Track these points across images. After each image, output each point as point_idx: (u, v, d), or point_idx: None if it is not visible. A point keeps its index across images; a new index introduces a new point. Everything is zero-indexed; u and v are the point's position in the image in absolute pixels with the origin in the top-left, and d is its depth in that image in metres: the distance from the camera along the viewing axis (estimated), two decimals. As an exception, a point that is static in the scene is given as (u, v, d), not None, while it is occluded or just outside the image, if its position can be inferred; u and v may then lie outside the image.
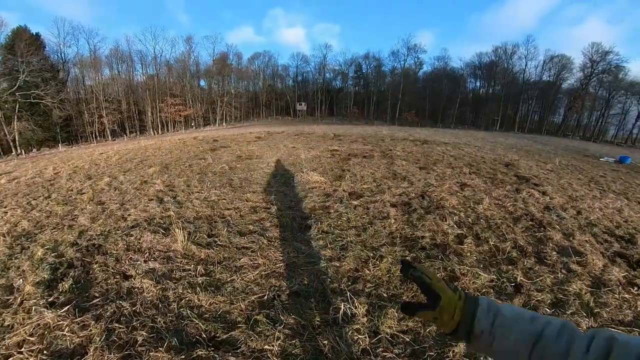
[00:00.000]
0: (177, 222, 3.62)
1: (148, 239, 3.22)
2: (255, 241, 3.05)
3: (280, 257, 2.74)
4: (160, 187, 5.39)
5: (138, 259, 2.86)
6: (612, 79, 49.82)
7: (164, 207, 4.27)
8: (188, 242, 3.06)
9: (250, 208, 4.07)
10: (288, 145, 10.80)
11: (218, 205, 4.24)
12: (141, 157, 9.81)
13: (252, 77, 70.02)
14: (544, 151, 16.44)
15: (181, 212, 4.07)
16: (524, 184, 6.53)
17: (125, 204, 4.56)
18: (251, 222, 3.59)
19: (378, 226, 3.42)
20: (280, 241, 3.07)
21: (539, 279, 2.70)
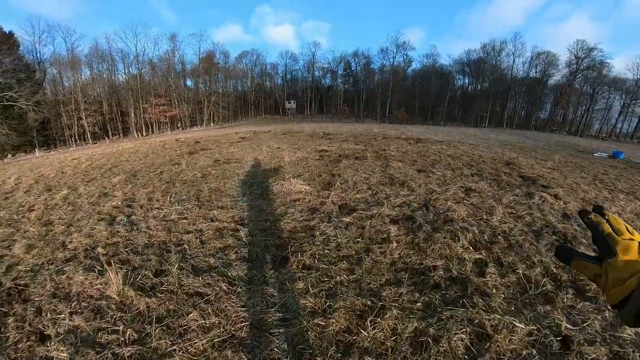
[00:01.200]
0: (122, 252, 2.85)
1: (79, 279, 2.53)
2: (213, 284, 2.28)
3: (242, 312, 1.98)
4: (118, 202, 4.62)
5: (63, 310, 2.20)
6: (596, 75, 51.08)
7: (112, 231, 3.53)
8: (125, 286, 2.33)
9: (215, 231, 3.28)
10: (272, 145, 9.98)
11: (177, 226, 3.44)
12: (113, 163, 8.94)
13: (240, 76, 68.40)
14: (538, 147, 16.09)
15: (131, 237, 3.32)
16: (532, 186, 5.95)
17: (73, 225, 3.88)
18: (213, 251, 2.82)
19: (376, 253, 2.66)
20: (246, 284, 2.30)
21: (585, 324, 2.10)
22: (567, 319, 2.13)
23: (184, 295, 2.19)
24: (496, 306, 2.13)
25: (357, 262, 2.56)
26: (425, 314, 1.99)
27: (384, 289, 2.20)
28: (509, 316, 2.04)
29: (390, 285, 2.25)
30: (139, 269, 2.59)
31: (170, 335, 1.83)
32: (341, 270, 2.42)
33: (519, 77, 57.82)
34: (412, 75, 66.34)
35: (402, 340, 1.75)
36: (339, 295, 2.09)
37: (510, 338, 1.87)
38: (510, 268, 2.68)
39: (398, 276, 2.38)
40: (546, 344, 1.89)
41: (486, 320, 1.97)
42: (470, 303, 2.12)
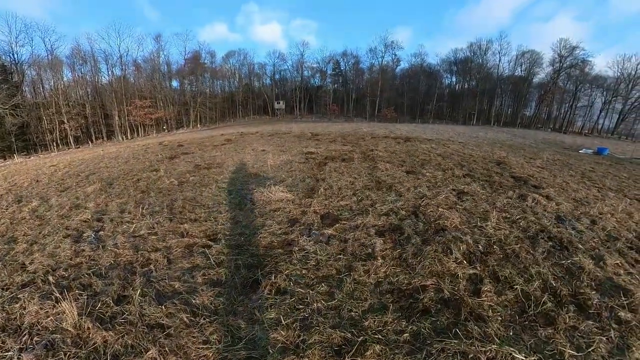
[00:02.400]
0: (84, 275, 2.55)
1: (34, 308, 2.23)
2: (175, 314, 2.00)
3: (203, 349, 1.69)
4: (88, 215, 4.27)
5: (11, 346, 1.91)
6: (578, 73, 52.35)
7: (77, 250, 3.20)
8: (82, 318, 2.05)
9: (184, 247, 2.97)
10: (257, 148, 9.63)
11: (145, 243, 3.12)
12: (92, 170, 8.49)
13: (228, 76, 67.29)
14: (526, 145, 16.19)
15: (96, 256, 3.00)
16: (524, 187, 5.80)
17: (37, 243, 3.54)
18: (179, 273, 2.52)
19: (359, 272, 2.38)
20: (211, 314, 2.01)
21: (590, 349, 1.89)
22: (570, 344, 1.92)
23: (144, 327, 1.93)
24: (492, 333, 1.88)
25: (337, 284, 2.28)
26: (413, 348, 1.73)
27: (367, 317, 1.92)
28: (507, 345, 1.80)
29: (373, 313, 1.97)
30: (100, 295, 2.31)
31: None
32: (319, 295, 2.14)
33: (505, 76, 58.84)
34: (401, 74, 66.81)
35: None
36: (314, 328, 1.82)
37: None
38: (508, 283, 2.44)
39: (383, 300, 2.11)
40: None
41: (482, 353, 1.71)
42: (463, 332, 1.86)
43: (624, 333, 2.08)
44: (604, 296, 2.45)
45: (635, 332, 2.10)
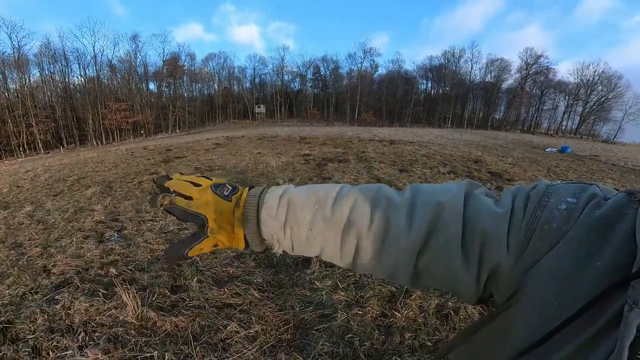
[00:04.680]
0: (125, 271, 2.70)
1: (82, 306, 2.20)
2: (242, 293, 2.26)
3: (282, 315, 2.03)
4: (100, 217, 4.27)
5: (68, 344, 1.88)
6: (543, 79, 56.84)
7: (105, 249, 3.21)
8: (143, 308, 2.13)
9: None
10: (253, 151, 9.92)
11: (179, 237, 3.33)
12: (78, 175, 8.30)
13: (207, 79, 66.35)
14: (498, 145, 17.46)
15: (130, 253, 3.07)
16: (499, 180, 6.55)
17: (51, 246, 3.41)
18: (229, 261, 2.78)
19: (385, 247, 2.87)
20: (276, 288, 2.34)
21: None
22: None
23: (213, 309, 2.13)
24: None
25: (370, 256, 2.72)
26: (442, 292, 2.23)
27: None
28: None
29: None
30: (150, 288, 2.41)
31: (214, 351, 1.79)
32: None
33: (476, 82, 62.71)
34: (379, 79, 68.95)
35: (430, 316, 1.98)
36: (367, 286, 2.25)
37: None
38: None
39: None
40: None
41: None
42: None
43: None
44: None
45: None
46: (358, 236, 0.41)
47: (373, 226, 0.40)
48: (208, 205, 0.44)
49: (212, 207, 0.44)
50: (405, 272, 0.40)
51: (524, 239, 0.35)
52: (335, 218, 0.42)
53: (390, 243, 0.39)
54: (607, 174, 10.04)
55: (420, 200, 0.40)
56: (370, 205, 0.41)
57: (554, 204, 0.35)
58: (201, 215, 0.43)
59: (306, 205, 0.43)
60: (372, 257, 0.41)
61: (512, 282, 0.35)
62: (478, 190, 0.42)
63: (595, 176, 8.99)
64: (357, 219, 0.41)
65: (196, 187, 0.45)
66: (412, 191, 0.42)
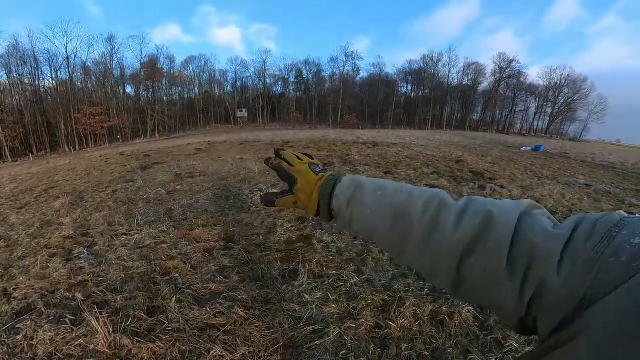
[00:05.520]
0: (95, 293, 2.46)
1: (47, 336, 1.97)
2: (225, 312, 2.10)
3: (270, 334, 1.88)
4: (69, 231, 3.93)
5: None
6: (516, 82, 59.72)
7: (73, 268, 2.92)
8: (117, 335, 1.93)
9: (204, 252, 3.04)
10: (235, 156, 9.69)
11: (156, 253, 3.10)
12: (47, 184, 7.75)
13: (187, 82, 64.71)
14: (477, 145, 17.98)
15: (101, 272, 2.80)
16: (481, 179, 6.67)
17: (13, 267, 3.08)
18: (210, 276, 2.60)
19: (375, 253, 2.82)
20: (263, 304, 2.18)
21: None
22: None
23: (194, 331, 1.95)
24: None
25: (361, 263, 2.66)
26: (435, 297, 2.20)
27: (394, 283, 2.35)
28: None
29: (397, 279, 2.41)
30: (124, 310, 2.20)
31: (199, 380, 1.62)
32: (351, 273, 2.48)
33: (454, 85, 64.76)
34: (361, 83, 69.67)
35: (425, 323, 1.92)
36: (358, 297, 2.16)
37: None
38: None
39: (400, 269, 2.56)
40: None
41: None
42: None
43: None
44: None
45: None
46: (408, 223, 0.44)
47: (423, 218, 0.43)
48: (302, 173, 0.56)
49: (304, 175, 0.56)
50: (446, 272, 0.41)
51: (583, 266, 0.32)
52: (392, 204, 0.47)
53: (436, 237, 0.41)
54: (579, 170, 10.52)
55: (473, 206, 0.42)
56: (425, 200, 0.45)
57: (625, 236, 0.31)
58: (294, 177, 0.56)
59: (371, 189, 0.51)
60: (417, 247, 0.44)
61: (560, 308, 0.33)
62: (538, 211, 0.41)
63: (568, 173, 9.37)
64: (410, 209, 0.45)
65: (298, 160, 0.59)
66: (467, 199, 0.44)
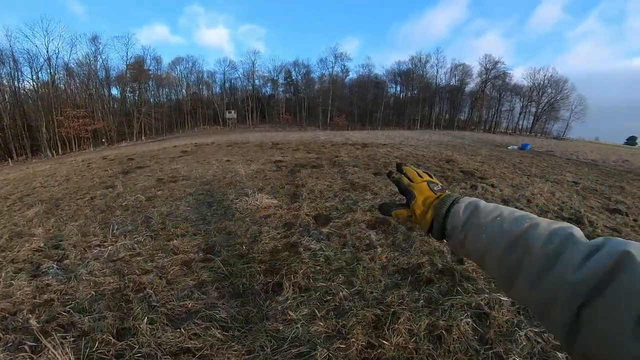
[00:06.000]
0: (61, 314, 2.22)
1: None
2: (202, 334, 1.88)
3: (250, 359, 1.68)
4: (39, 243, 3.64)
5: None
6: (501, 83, 61.21)
7: (39, 285, 2.66)
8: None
9: (181, 264, 2.81)
10: (221, 159, 9.41)
11: (130, 266, 2.86)
12: (24, 191, 7.33)
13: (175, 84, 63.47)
14: (465, 145, 18.15)
15: (69, 289, 2.56)
16: (472, 179, 6.62)
17: None
18: (188, 292, 2.38)
19: (366, 261, 2.65)
20: (243, 324, 1.98)
21: None
22: None
23: (167, 357, 1.75)
24: (482, 287, 2.34)
25: (351, 273, 2.49)
26: (431, 309, 2.06)
27: (387, 294, 2.19)
28: (495, 293, 2.26)
29: (390, 290, 2.25)
30: (92, 334, 1.99)
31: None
32: (340, 285, 2.31)
33: (442, 85, 65.83)
34: (350, 84, 69.96)
35: (421, 339, 1.77)
36: (348, 312, 1.98)
37: (502, 311, 2.07)
38: None
39: (393, 279, 2.41)
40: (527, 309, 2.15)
41: (480, 300, 2.15)
42: (463, 289, 2.28)
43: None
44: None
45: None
46: (525, 253, 0.42)
47: (545, 249, 0.40)
48: (420, 190, 0.62)
49: (422, 192, 0.61)
50: (563, 314, 0.36)
51: None
52: (510, 230, 0.45)
53: (557, 272, 0.38)
54: (565, 168, 10.66)
55: (608, 245, 0.37)
56: (551, 232, 0.42)
57: None
58: (413, 193, 0.62)
59: (489, 214, 0.50)
60: (531, 280, 0.40)
61: None
62: None
63: (555, 170, 9.46)
64: (531, 238, 0.42)
65: (418, 177, 0.66)
66: (603, 238, 0.40)
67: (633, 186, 7.71)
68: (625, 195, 6.40)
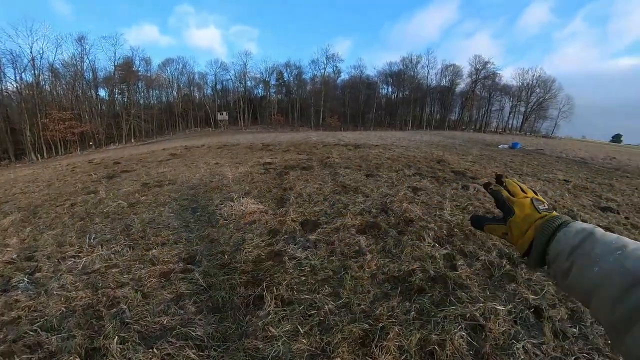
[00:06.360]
0: (28, 333, 2.04)
1: None
2: (175, 354, 1.73)
3: None
4: (12, 254, 3.42)
5: None
6: (491, 83, 62.08)
7: (8, 301, 2.48)
8: None
9: (159, 276, 2.64)
10: (210, 161, 9.19)
11: (105, 279, 2.67)
12: (1, 198, 6.99)
13: (165, 85, 62.51)
14: (456, 144, 18.24)
15: (39, 305, 2.39)
16: (464, 179, 6.57)
17: None
18: (164, 307, 2.22)
19: (354, 269, 2.50)
20: (220, 343, 1.82)
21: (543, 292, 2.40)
22: (530, 291, 2.39)
23: None
24: (477, 295, 2.25)
25: (338, 283, 2.34)
26: (423, 321, 1.95)
27: (375, 306, 2.05)
28: (490, 302, 2.17)
29: (379, 302, 2.11)
30: (58, 355, 1.85)
31: None
32: (326, 297, 2.16)
33: (433, 86, 66.40)
34: (342, 85, 70.00)
35: (412, 356, 1.66)
36: (334, 328, 1.84)
37: (498, 322, 1.98)
38: (474, 256, 2.88)
39: (383, 289, 2.28)
40: (524, 318, 2.08)
41: (475, 311, 2.05)
42: (456, 299, 2.17)
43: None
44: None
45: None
46: None
47: None
48: (522, 206, 0.55)
49: (523, 209, 0.54)
50: None
51: None
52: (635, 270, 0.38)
53: None
54: (555, 166, 10.74)
55: None
56: None
57: None
58: (513, 209, 0.55)
59: (607, 245, 0.43)
60: None
61: None
62: None
63: (546, 169, 9.51)
64: None
65: (521, 192, 0.58)
66: None
67: (622, 183, 7.78)
68: (615, 193, 6.43)
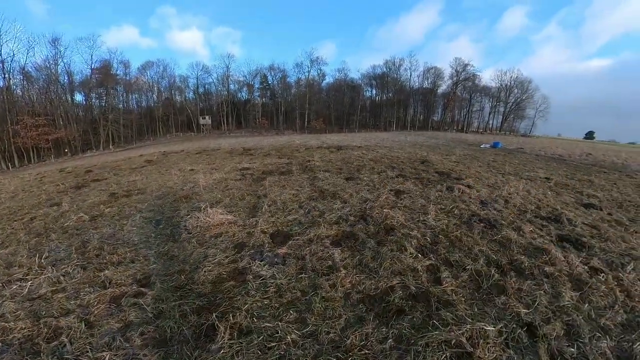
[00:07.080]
0: None
1: None
2: None
3: None
4: None
5: None
6: (471, 85, 63.78)
7: None
8: None
9: (109, 302, 2.33)
10: (184, 168, 8.74)
11: (50, 306, 2.34)
12: None
13: (145, 89, 60.62)
14: (440, 144, 18.36)
15: None
16: (448, 180, 6.43)
17: None
18: (108, 339, 1.92)
19: (326, 288, 2.22)
20: None
21: (536, 303, 2.21)
22: (521, 304, 2.18)
23: None
24: (463, 314, 2.01)
25: (306, 307, 2.05)
26: (401, 351, 1.69)
27: (347, 334, 1.78)
28: (478, 321, 1.94)
29: (352, 328, 1.84)
30: None
31: None
32: (290, 325, 1.87)
33: (416, 88, 67.57)
34: (327, 88, 70.04)
35: None
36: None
37: (487, 347, 1.74)
38: (460, 266, 2.67)
39: (357, 311, 2.01)
40: (517, 339, 1.86)
41: (461, 335, 1.80)
42: (439, 321, 1.93)
43: (553, 283, 2.47)
44: (531, 258, 2.88)
45: (559, 280, 2.52)
46: None
47: None
48: None
49: None
50: None
51: None
52: None
53: None
54: (536, 164, 10.85)
55: None
56: None
57: None
58: None
59: None
60: None
61: None
62: None
63: (527, 167, 9.56)
64: None
65: None
66: None
67: (600, 179, 7.88)
68: (595, 189, 6.45)
